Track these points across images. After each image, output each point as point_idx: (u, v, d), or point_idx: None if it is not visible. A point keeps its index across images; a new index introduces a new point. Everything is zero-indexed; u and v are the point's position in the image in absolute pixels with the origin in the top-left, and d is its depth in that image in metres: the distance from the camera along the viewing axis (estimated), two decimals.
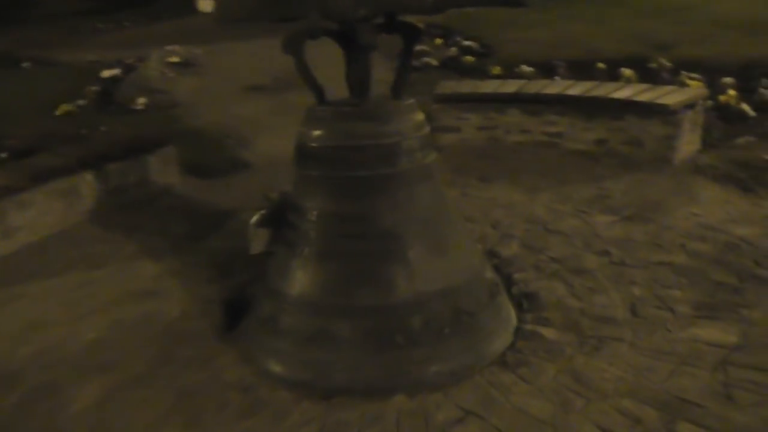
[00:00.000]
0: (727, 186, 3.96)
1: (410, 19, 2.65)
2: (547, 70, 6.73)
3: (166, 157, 4.92)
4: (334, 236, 2.54)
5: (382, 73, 3.56)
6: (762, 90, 5.59)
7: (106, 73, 8.06)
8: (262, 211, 3.35)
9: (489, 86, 5.51)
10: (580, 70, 6.48)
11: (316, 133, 2.55)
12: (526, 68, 6.85)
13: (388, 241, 2.50)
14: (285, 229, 2.78)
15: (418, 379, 2.39)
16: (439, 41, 8.81)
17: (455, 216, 2.83)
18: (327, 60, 3.31)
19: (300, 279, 2.59)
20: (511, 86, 5.31)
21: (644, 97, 4.40)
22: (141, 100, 7.23)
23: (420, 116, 2.63)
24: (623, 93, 4.54)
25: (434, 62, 8.06)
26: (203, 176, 5.08)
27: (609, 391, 2.24)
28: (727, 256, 3.14)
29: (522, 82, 5.54)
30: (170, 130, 5.88)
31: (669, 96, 4.34)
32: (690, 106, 4.38)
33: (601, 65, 6.66)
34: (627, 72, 6.54)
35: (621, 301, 2.85)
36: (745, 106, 5.26)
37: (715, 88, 5.52)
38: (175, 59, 8.58)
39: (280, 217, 3.15)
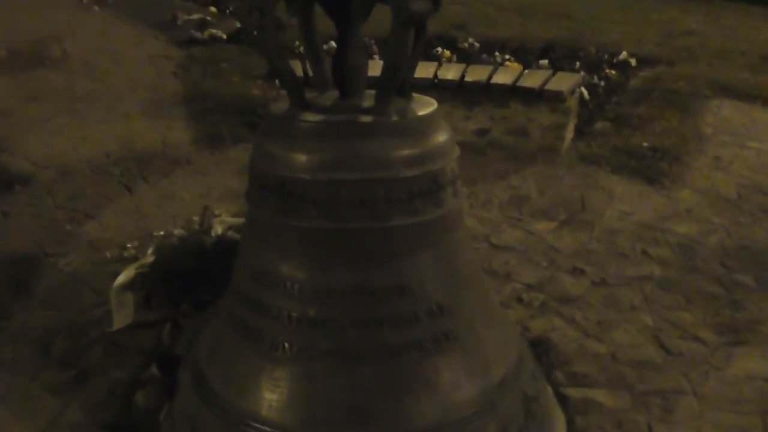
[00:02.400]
0: (628, 177, 3.82)
1: None
2: None
3: None
4: (342, 326, 1.57)
5: None
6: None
7: None
8: (139, 265, 2.20)
9: None
10: None
11: (301, 157, 1.53)
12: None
13: (443, 322, 1.63)
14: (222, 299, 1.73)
15: None
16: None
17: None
18: None
19: (285, 399, 1.57)
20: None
21: (529, 83, 4.05)
22: None
23: (447, 125, 1.78)
24: (504, 78, 4.14)
25: (222, 35, 6.86)
26: None
27: None
28: (693, 260, 2.92)
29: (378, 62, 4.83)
30: None
31: (557, 81, 4.06)
32: (572, 92, 4.16)
33: None
34: (447, 53, 6.27)
35: (641, 335, 2.41)
36: (583, 90, 5.32)
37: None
38: None
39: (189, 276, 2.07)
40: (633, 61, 5.92)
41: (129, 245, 2.98)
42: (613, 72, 5.65)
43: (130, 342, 2.32)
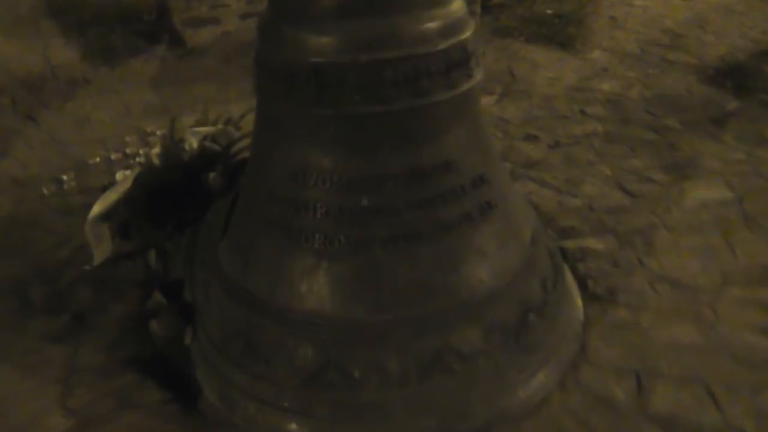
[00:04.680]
0: (544, 45, 3.97)
1: None
2: None
3: None
4: (399, 210, 1.56)
5: None
6: None
7: None
8: (116, 192, 2.04)
9: None
10: None
11: (335, 40, 1.43)
12: None
13: (484, 191, 1.66)
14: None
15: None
16: None
17: None
18: None
19: (351, 291, 1.57)
20: None
21: None
22: None
23: None
24: None
25: None
26: None
27: None
28: (625, 113, 3.16)
29: None
30: None
31: None
32: None
33: None
34: None
35: (605, 185, 2.61)
36: None
37: None
38: None
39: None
40: None
41: (65, 177, 2.69)
42: None
43: (117, 275, 2.16)
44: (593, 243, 2.30)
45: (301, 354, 1.59)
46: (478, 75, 1.65)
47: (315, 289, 1.58)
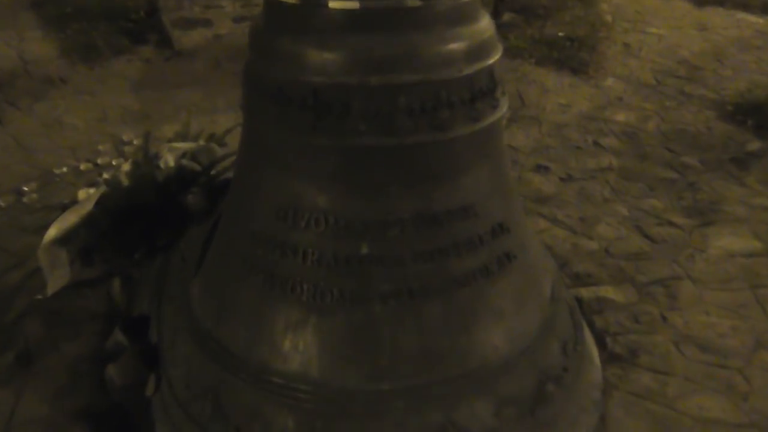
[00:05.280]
0: (555, 69, 3.75)
1: None
2: None
3: None
4: (403, 261, 1.31)
5: None
6: None
7: None
8: (77, 213, 1.81)
9: None
10: None
11: (339, 57, 1.20)
12: None
13: (504, 241, 1.42)
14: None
15: None
16: None
17: None
18: None
19: (343, 355, 1.32)
20: None
21: None
22: None
23: None
24: None
25: None
26: None
27: None
28: (642, 147, 2.95)
29: None
30: None
31: None
32: None
33: None
34: None
35: (623, 227, 2.40)
36: None
37: None
38: None
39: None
40: None
41: (26, 188, 2.42)
42: None
43: (73, 306, 1.89)
44: (611, 293, 2.07)
45: (280, 425, 1.33)
46: (504, 106, 1.42)
47: (300, 348, 1.34)
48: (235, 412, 1.38)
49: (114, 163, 2.53)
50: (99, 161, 2.63)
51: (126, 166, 1.85)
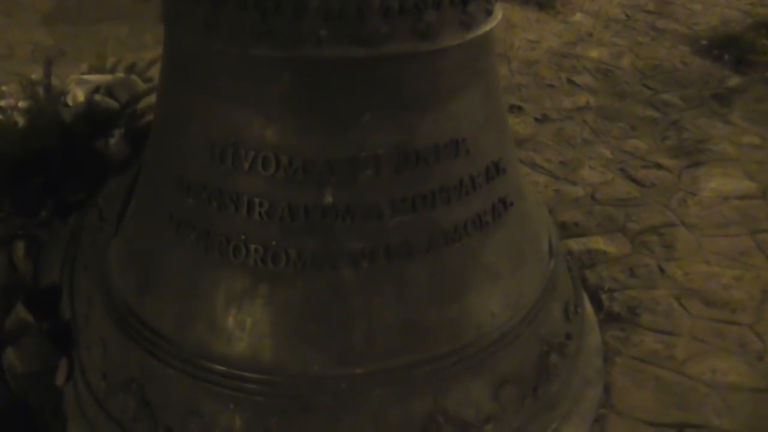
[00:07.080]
0: (520, 4, 3.47)
1: None
2: None
3: None
4: (379, 212, 1.01)
5: None
6: None
7: None
8: None
9: None
10: None
11: None
12: None
13: (500, 184, 1.14)
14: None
15: None
16: None
17: None
18: None
19: (302, 332, 1.04)
20: None
21: None
22: None
23: None
24: None
25: None
26: None
27: None
28: (618, 85, 2.72)
29: None
30: None
31: None
32: None
33: None
34: None
35: (607, 170, 2.16)
36: None
37: None
38: None
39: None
40: None
41: None
42: None
43: None
44: (602, 244, 1.85)
45: (223, 424, 1.05)
46: (499, 13, 1.13)
47: (248, 326, 1.04)
48: (165, 410, 1.08)
49: (20, 105, 2.13)
50: (2, 104, 2.23)
51: (23, 104, 1.47)
